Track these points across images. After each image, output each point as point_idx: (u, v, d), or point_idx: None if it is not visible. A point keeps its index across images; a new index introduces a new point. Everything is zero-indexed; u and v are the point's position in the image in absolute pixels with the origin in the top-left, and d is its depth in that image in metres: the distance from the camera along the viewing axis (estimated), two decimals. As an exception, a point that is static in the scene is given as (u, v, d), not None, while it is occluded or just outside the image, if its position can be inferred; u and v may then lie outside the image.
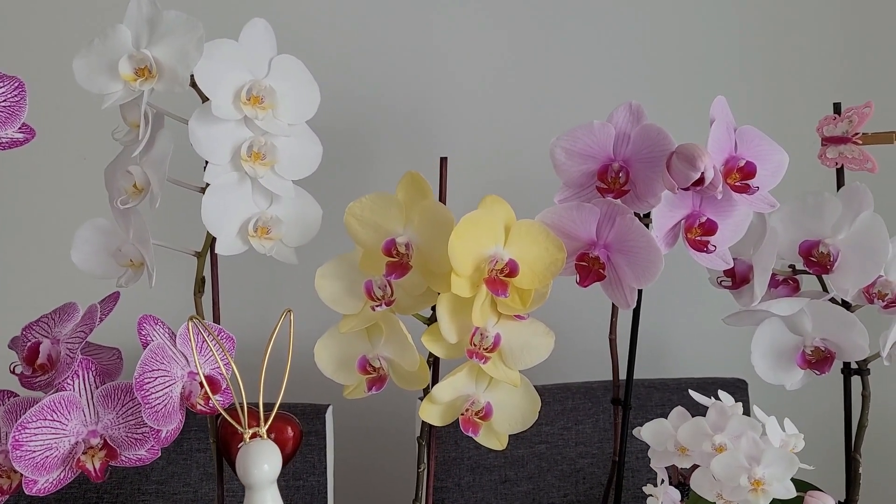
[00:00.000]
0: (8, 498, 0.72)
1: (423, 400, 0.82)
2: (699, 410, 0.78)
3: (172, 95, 0.73)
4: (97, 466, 0.73)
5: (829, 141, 0.88)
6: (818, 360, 0.86)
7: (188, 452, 1.06)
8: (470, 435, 0.81)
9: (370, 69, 1.30)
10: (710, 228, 0.79)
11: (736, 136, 0.80)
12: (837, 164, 0.88)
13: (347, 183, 1.26)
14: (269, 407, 0.74)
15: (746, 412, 0.93)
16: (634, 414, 0.97)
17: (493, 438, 0.84)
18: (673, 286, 1.22)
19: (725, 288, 0.89)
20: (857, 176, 0.86)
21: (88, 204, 0.97)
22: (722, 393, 0.79)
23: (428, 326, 0.82)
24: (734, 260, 0.84)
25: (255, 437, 0.72)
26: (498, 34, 1.33)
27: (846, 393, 0.94)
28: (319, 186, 0.84)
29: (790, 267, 0.90)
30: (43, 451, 0.70)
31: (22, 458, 0.69)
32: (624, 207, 0.78)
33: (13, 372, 0.76)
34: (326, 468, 1.08)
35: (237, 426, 0.72)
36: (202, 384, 0.75)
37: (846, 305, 0.88)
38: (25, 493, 0.71)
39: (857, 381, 0.91)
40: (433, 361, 0.84)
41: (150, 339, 0.76)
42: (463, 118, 1.33)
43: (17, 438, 0.69)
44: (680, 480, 0.83)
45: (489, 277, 0.76)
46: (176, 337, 0.78)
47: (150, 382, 0.73)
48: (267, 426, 0.73)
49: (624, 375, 0.93)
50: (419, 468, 0.88)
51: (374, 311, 0.78)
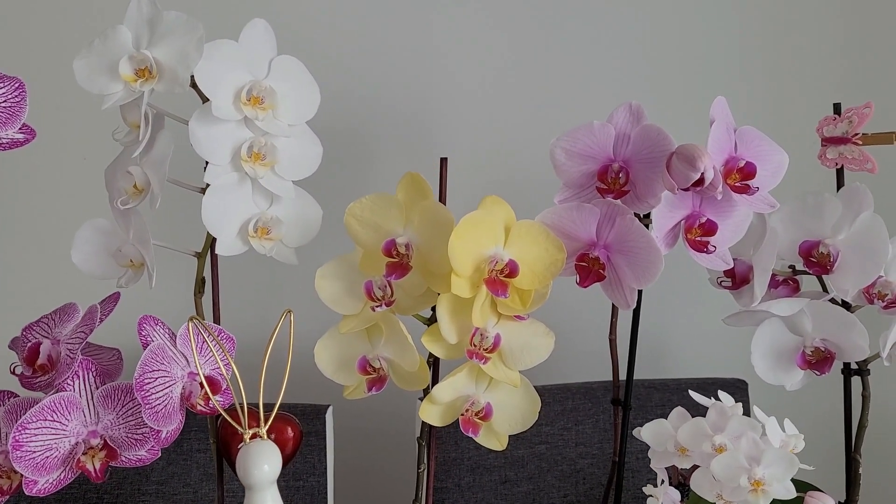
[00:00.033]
0: (8, 498, 0.72)
1: (423, 400, 0.82)
2: (699, 411, 0.78)
3: (172, 96, 0.73)
4: (97, 467, 0.73)
5: (828, 141, 0.88)
6: (818, 360, 0.86)
7: (188, 453, 1.06)
8: (470, 435, 0.81)
9: (370, 69, 1.30)
10: (710, 229, 0.79)
11: (736, 136, 0.80)
12: (837, 164, 0.88)
13: (347, 183, 1.26)
14: (269, 407, 0.74)
15: (746, 413, 0.93)
16: (634, 414, 0.97)
17: (493, 439, 0.84)
18: (673, 286, 1.22)
19: (725, 288, 0.89)
20: (857, 176, 0.86)
21: (88, 204, 0.97)
22: (722, 393, 0.79)
23: (428, 327, 0.82)
24: (734, 260, 0.84)
25: (255, 437, 0.72)
26: (498, 34, 1.33)
27: (846, 393, 0.94)
28: (319, 187, 0.84)
29: (790, 267, 0.90)
30: (43, 451, 0.70)
31: (22, 458, 0.69)
32: (624, 208, 0.78)
33: (13, 372, 0.76)
34: (326, 469, 1.08)
35: (237, 427, 0.72)
36: (202, 385, 0.75)
37: (846, 306, 0.88)
38: (25, 493, 0.71)
39: (857, 381, 0.91)
40: (433, 362, 0.84)
41: (150, 339, 0.76)
42: (463, 118, 1.33)
43: (17, 439, 0.69)
44: (680, 481, 0.83)
45: (489, 278, 0.76)
46: (176, 337, 0.78)
47: (150, 383, 0.73)
48: (267, 427, 0.73)
49: (624, 376, 0.93)
50: (419, 469, 0.88)
51: (374, 311, 0.78)
